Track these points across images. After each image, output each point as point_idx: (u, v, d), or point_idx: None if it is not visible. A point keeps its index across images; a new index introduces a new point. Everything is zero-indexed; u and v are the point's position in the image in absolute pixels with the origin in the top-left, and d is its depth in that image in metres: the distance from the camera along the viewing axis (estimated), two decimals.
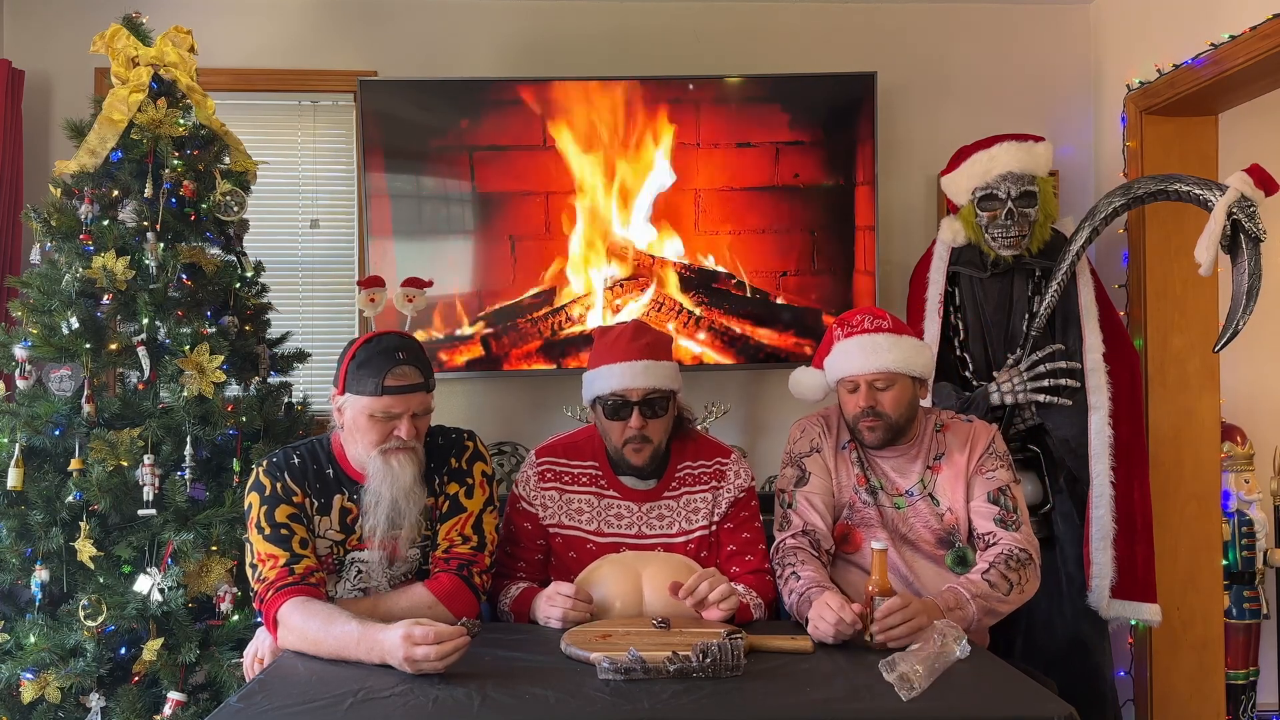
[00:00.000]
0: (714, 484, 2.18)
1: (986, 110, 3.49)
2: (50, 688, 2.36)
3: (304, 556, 1.89)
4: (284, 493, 1.92)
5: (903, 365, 2.12)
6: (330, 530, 1.96)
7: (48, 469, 2.49)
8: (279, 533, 1.88)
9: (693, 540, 2.14)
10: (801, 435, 2.28)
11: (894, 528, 2.18)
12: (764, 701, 1.54)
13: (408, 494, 1.91)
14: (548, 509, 2.16)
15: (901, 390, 2.14)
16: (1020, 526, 2.12)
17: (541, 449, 2.24)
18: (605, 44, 3.45)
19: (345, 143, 3.46)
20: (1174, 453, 3.17)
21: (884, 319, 2.18)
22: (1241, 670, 3.34)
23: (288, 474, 1.94)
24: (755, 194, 3.29)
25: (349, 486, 1.97)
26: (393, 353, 1.91)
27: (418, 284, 3.05)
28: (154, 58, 2.66)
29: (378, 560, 1.95)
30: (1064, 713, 1.50)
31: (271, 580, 1.85)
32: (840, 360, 2.18)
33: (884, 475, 2.22)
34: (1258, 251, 2.47)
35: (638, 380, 2.08)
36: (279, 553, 1.87)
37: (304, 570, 1.87)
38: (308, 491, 1.95)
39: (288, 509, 1.91)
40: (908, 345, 2.15)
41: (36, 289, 2.54)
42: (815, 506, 2.18)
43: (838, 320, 2.26)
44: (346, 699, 1.55)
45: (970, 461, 2.18)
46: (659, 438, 2.12)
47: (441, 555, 1.99)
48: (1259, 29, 2.61)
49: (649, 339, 2.15)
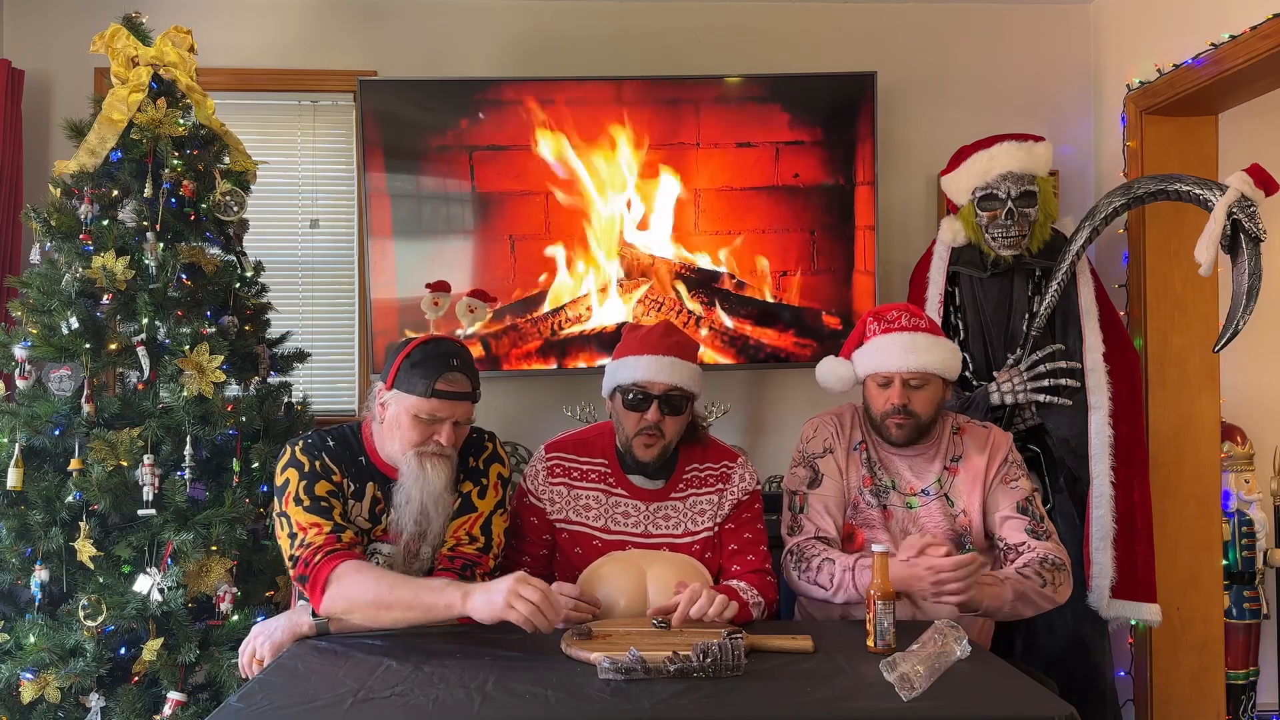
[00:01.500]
0: (719, 486, 2.18)
1: (986, 110, 3.48)
2: (50, 688, 2.36)
3: (346, 528, 1.91)
4: (322, 470, 1.94)
5: (939, 366, 2.14)
6: (360, 517, 1.97)
7: (47, 469, 2.48)
8: (319, 504, 1.90)
9: (697, 541, 2.15)
10: (815, 435, 2.27)
11: (903, 527, 2.18)
12: (764, 701, 1.54)
13: (437, 500, 1.94)
14: (555, 504, 2.17)
15: (934, 391, 2.16)
16: (1051, 536, 2.13)
17: (551, 444, 2.25)
18: (605, 44, 3.45)
19: (345, 143, 3.46)
20: (1174, 453, 3.17)
21: (921, 318, 2.20)
22: (1241, 670, 3.34)
23: (325, 454, 1.97)
24: (755, 194, 3.29)
25: (378, 478, 2.00)
26: (448, 358, 1.96)
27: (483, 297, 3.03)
28: (154, 58, 2.66)
29: (400, 555, 1.97)
30: (1064, 713, 1.50)
31: (320, 545, 1.85)
32: (875, 355, 2.18)
33: (899, 474, 2.22)
34: (1258, 251, 2.47)
35: (662, 375, 2.09)
36: (323, 521, 1.88)
37: (350, 540, 1.89)
38: (345, 473, 1.97)
39: (326, 485, 1.93)
40: (944, 347, 2.17)
41: (36, 289, 2.54)
42: (829, 510, 2.17)
43: (873, 314, 2.26)
44: (347, 699, 1.55)
45: (991, 468, 2.19)
46: (672, 435, 2.13)
47: (447, 553, 2.00)
48: (1259, 29, 2.61)
49: (678, 338, 2.17)
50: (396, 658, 1.74)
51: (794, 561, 2.13)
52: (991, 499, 2.18)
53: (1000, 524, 2.16)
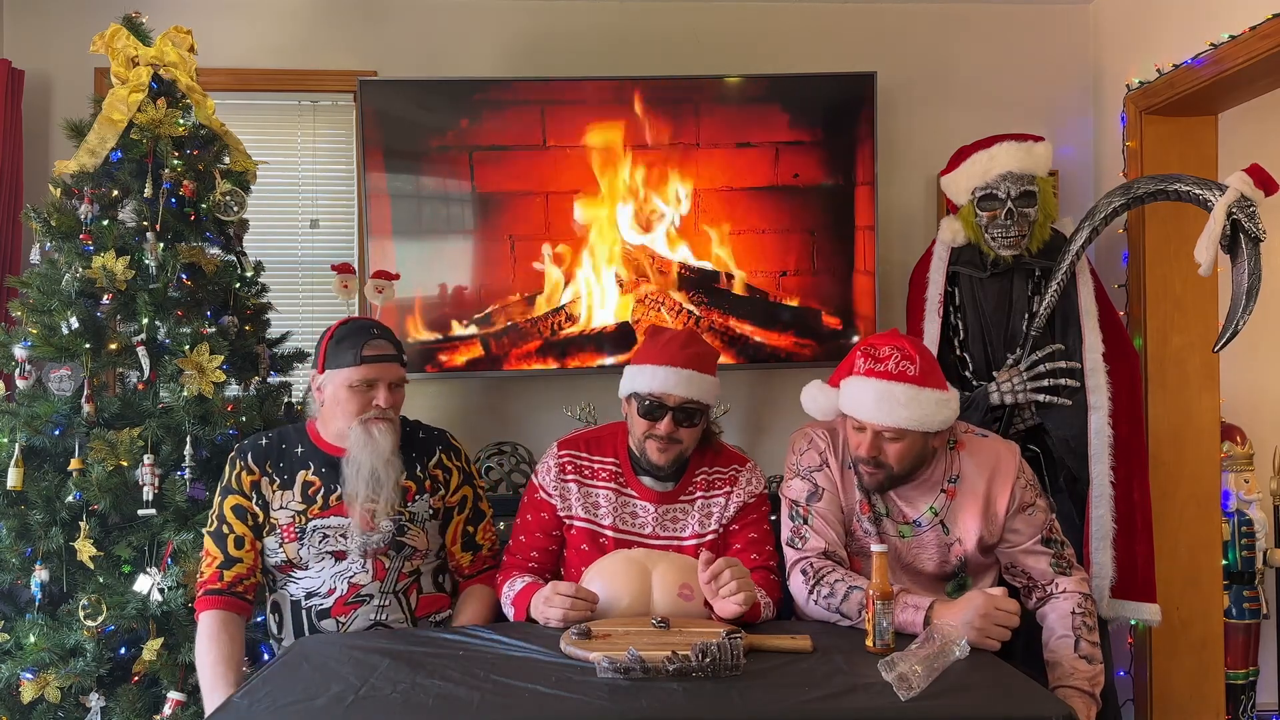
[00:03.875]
0: (727, 489, 2.19)
1: (986, 110, 3.48)
2: (50, 687, 2.36)
3: (237, 560, 2.10)
4: (241, 475, 2.13)
5: (916, 423, 1.96)
6: (292, 502, 2.13)
7: (48, 469, 2.48)
8: (220, 530, 2.12)
9: (703, 544, 2.15)
10: (809, 447, 2.18)
11: (896, 556, 2.11)
12: (763, 701, 1.54)
13: (387, 462, 2.09)
14: (566, 500, 2.18)
15: (910, 444, 2.00)
16: (1074, 568, 2.10)
17: (564, 441, 2.26)
18: (605, 44, 3.45)
19: (345, 143, 3.46)
20: (1174, 453, 3.17)
21: (912, 362, 1.99)
22: (1241, 670, 3.34)
23: (251, 454, 2.16)
24: (755, 194, 3.29)
25: (317, 460, 2.15)
26: (368, 329, 2.16)
27: (386, 276, 3.15)
28: (154, 58, 2.66)
29: (353, 527, 2.11)
30: (1063, 713, 1.50)
31: (205, 581, 2.11)
32: (852, 399, 2.04)
33: (891, 502, 2.13)
34: (1257, 251, 2.47)
35: (679, 388, 2.09)
36: (216, 553, 2.11)
37: (233, 578, 2.10)
38: (266, 470, 2.14)
39: (236, 498, 2.12)
40: (927, 401, 1.97)
41: (36, 289, 2.54)
42: (831, 524, 2.11)
43: (866, 344, 2.08)
44: (348, 696, 1.55)
45: (1000, 497, 2.07)
46: (688, 443, 2.14)
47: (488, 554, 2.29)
48: (1259, 29, 2.61)
49: (698, 349, 2.16)
50: (398, 656, 1.75)
51: (809, 583, 2.02)
52: (1010, 530, 2.09)
53: (1022, 556, 2.10)
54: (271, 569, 2.16)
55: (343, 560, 2.11)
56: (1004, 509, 2.08)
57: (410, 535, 2.16)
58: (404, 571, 2.16)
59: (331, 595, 2.11)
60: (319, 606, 2.11)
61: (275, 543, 2.12)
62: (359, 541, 2.10)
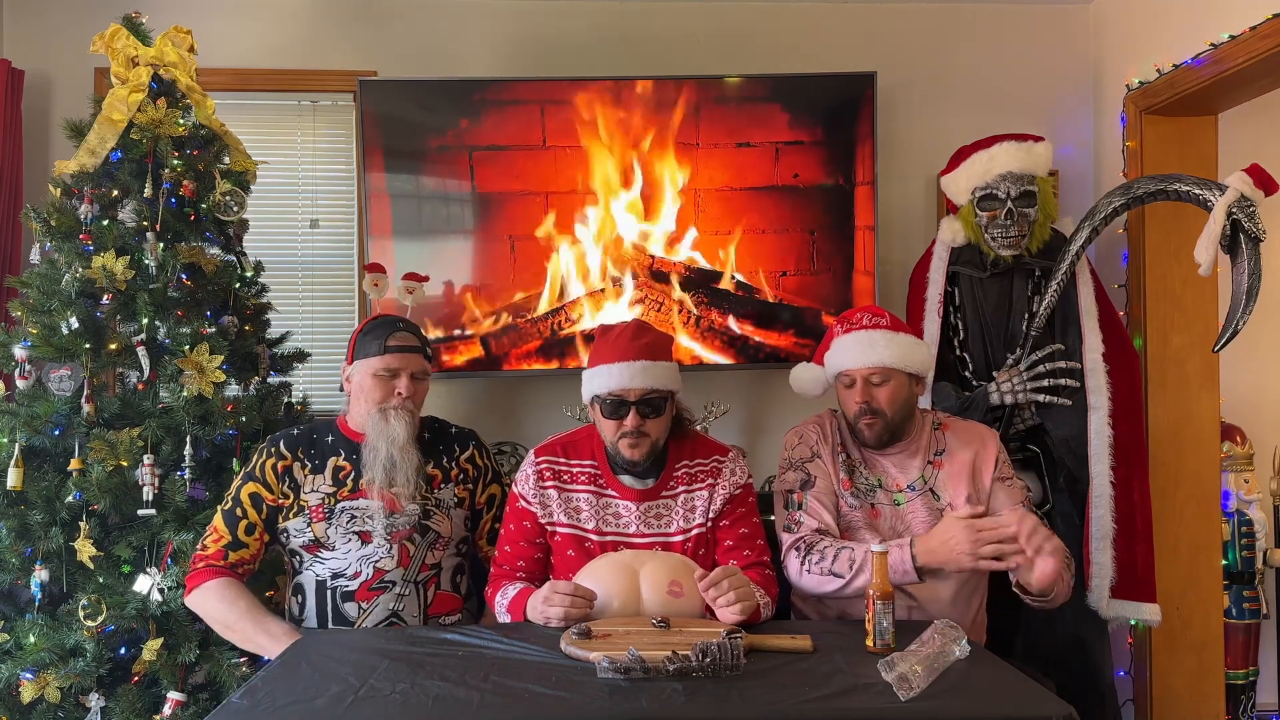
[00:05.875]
0: (711, 481, 2.18)
1: (986, 110, 3.49)
2: (50, 688, 2.36)
3: (243, 545, 2.18)
4: (260, 470, 2.20)
5: (897, 361, 2.17)
6: (323, 485, 2.21)
7: (47, 469, 2.49)
8: (234, 512, 2.19)
9: (690, 539, 2.14)
10: (800, 442, 2.28)
11: (891, 525, 2.19)
12: (764, 701, 1.54)
13: (402, 449, 2.17)
14: (547, 507, 2.17)
15: (897, 386, 2.18)
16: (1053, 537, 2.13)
17: (540, 448, 2.25)
18: (605, 44, 3.45)
19: (345, 143, 3.46)
20: (1174, 453, 3.17)
21: (882, 316, 2.23)
22: (1241, 670, 3.34)
23: (283, 442, 2.24)
24: (755, 194, 3.29)
25: (346, 448, 2.24)
26: (395, 322, 2.29)
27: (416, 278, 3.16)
28: (154, 58, 2.66)
29: (378, 509, 2.18)
30: (1064, 713, 1.50)
31: (208, 555, 2.17)
32: (838, 355, 2.24)
33: (884, 471, 2.24)
34: (1257, 251, 2.47)
35: (635, 380, 2.08)
36: (225, 532, 2.18)
37: (237, 559, 2.18)
38: (299, 456, 2.22)
39: (255, 486, 2.19)
40: (904, 342, 2.19)
41: (36, 289, 2.54)
42: (825, 507, 2.18)
43: (838, 318, 2.31)
44: (348, 697, 1.55)
45: (985, 466, 2.22)
46: (657, 434, 2.12)
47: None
48: (1259, 29, 2.61)
49: (649, 339, 2.15)
50: (397, 657, 1.75)
51: (800, 555, 2.12)
52: (994, 498, 2.20)
53: None
54: (298, 550, 2.19)
55: (368, 543, 2.16)
56: (989, 476, 2.22)
57: (435, 520, 2.22)
58: (426, 562, 2.20)
59: (357, 579, 2.15)
60: (344, 588, 2.15)
61: (303, 523, 2.17)
62: (384, 523, 2.17)
